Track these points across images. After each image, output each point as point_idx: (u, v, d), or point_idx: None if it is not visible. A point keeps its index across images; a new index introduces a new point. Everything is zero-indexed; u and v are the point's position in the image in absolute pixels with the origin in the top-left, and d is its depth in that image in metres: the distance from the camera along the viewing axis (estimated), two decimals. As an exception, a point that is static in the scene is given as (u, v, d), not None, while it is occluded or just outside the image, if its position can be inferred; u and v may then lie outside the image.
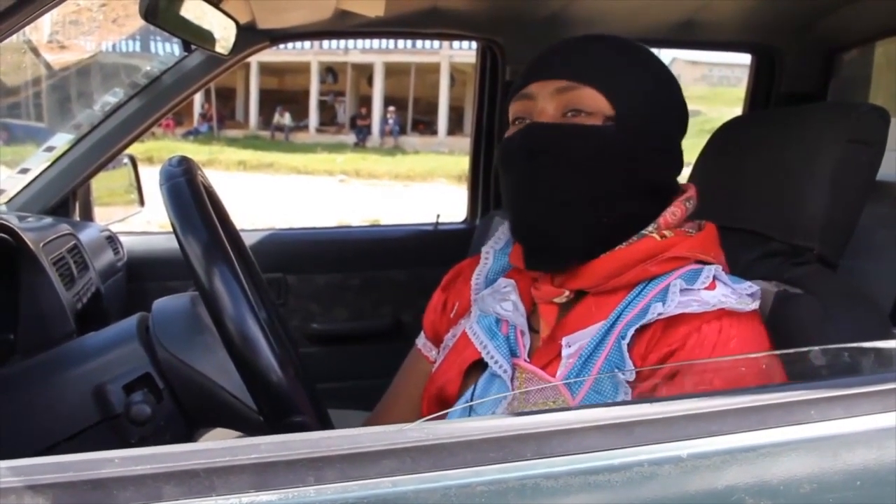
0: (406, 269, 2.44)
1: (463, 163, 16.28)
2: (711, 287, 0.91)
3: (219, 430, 1.36)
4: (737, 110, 2.73)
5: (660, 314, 0.90)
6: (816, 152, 1.10)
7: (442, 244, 2.47)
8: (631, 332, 0.91)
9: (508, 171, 1.00)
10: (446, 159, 18.52)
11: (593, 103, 0.95)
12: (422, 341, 1.21)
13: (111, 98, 2.12)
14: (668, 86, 1.02)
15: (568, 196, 0.95)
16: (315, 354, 2.35)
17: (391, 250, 2.49)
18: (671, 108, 1.02)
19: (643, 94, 0.98)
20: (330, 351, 2.41)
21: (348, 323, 2.42)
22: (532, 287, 1.03)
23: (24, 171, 2.06)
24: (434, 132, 23.14)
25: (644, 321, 0.90)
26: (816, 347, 0.77)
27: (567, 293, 0.99)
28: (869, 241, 1.18)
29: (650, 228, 0.97)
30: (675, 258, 0.95)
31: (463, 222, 2.61)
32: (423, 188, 14.95)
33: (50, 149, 2.09)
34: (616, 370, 0.90)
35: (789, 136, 1.17)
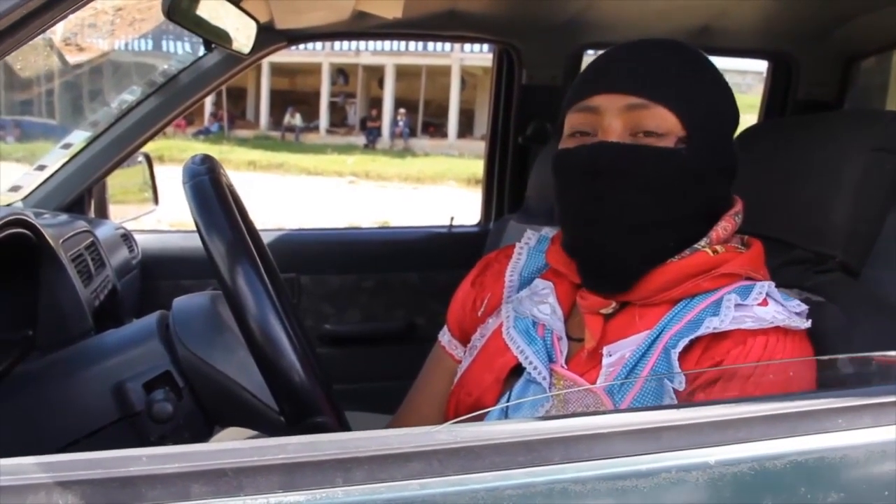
0: (419, 271, 2.44)
1: (473, 166, 16.34)
2: (764, 304, 0.90)
3: (232, 429, 1.36)
4: (749, 117, 2.73)
5: (715, 328, 0.89)
6: (840, 160, 1.10)
7: (455, 247, 2.48)
8: (683, 342, 0.89)
9: (569, 188, 0.96)
10: (456, 162, 18.49)
11: (665, 124, 0.91)
12: (446, 338, 1.17)
13: (129, 96, 2.12)
14: (730, 98, 0.99)
15: (636, 220, 0.92)
16: (327, 356, 2.35)
17: (405, 252, 2.50)
18: (733, 123, 1.00)
19: (713, 113, 0.95)
20: (342, 352, 2.41)
21: (361, 324, 2.43)
22: (578, 296, 1.00)
23: (41, 167, 2.06)
24: (444, 135, 23.10)
25: (697, 334, 0.89)
26: (844, 356, 0.77)
27: (614, 304, 0.97)
28: (889, 250, 1.17)
29: (702, 243, 0.95)
30: (727, 275, 0.94)
31: (477, 225, 2.62)
32: (433, 191, 14.94)
33: (67, 146, 2.09)
34: (665, 379, 0.89)
35: (813, 143, 1.16)
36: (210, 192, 0.86)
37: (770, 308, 0.90)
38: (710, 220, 0.97)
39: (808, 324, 0.90)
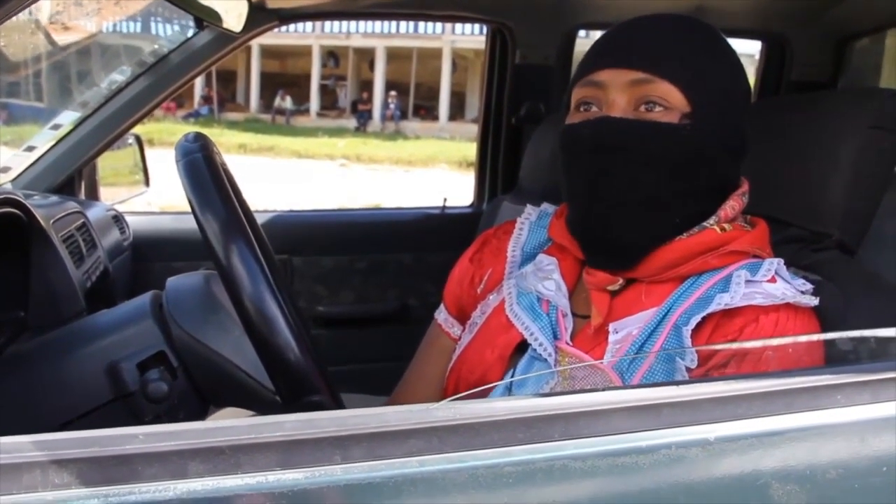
0: (412, 252, 2.43)
1: (464, 149, 16.30)
2: (772, 281, 0.90)
3: (227, 409, 1.36)
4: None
5: (726, 305, 0.89)
6: (837, 138, 1.09)
7: (448, 228, 2.47)
8: (695, 319, 0.89)
9: (573, 163, 0.96)
10: (447, 145, 18.45)
11: (670, 98, 0.91)
12: (443, 316, 1.17)
13: (118, 76, 2.10)
14: (741, 76, 0.98)
15: (640, 195, 0.92)
16: (320, 337, 2.35)
17: (398, 233, 2.49)
18: (743, 100, 0.99)
19: (720, 90, 0.94)
20: (335, 334, 2.41)
21: (354, 306, 2.42)
22: (584, 272, 0.99)
23: (30, 148, 2.04)
24: (435, 117, 23.06)
25: (709, 310, 0.89)
26: (843, 333, 0.77)
27: (621, 281, 0.96)
28: (886, 228, 1.17)
29: (711, 221, 0.95)
30: (735, 252, 0.94)
31: (470, 206, 2.61)
32: (424, 173, 14.91)
33: (56, 126, 2.07)
34: (677, 357, 0.89)
35: (809, 121, 1.16)
36: (204, 170, 0.85)
37: (779, 285, 0.90)
38: (717, 198, 0.97)
39: (815, 301, 0.90)
